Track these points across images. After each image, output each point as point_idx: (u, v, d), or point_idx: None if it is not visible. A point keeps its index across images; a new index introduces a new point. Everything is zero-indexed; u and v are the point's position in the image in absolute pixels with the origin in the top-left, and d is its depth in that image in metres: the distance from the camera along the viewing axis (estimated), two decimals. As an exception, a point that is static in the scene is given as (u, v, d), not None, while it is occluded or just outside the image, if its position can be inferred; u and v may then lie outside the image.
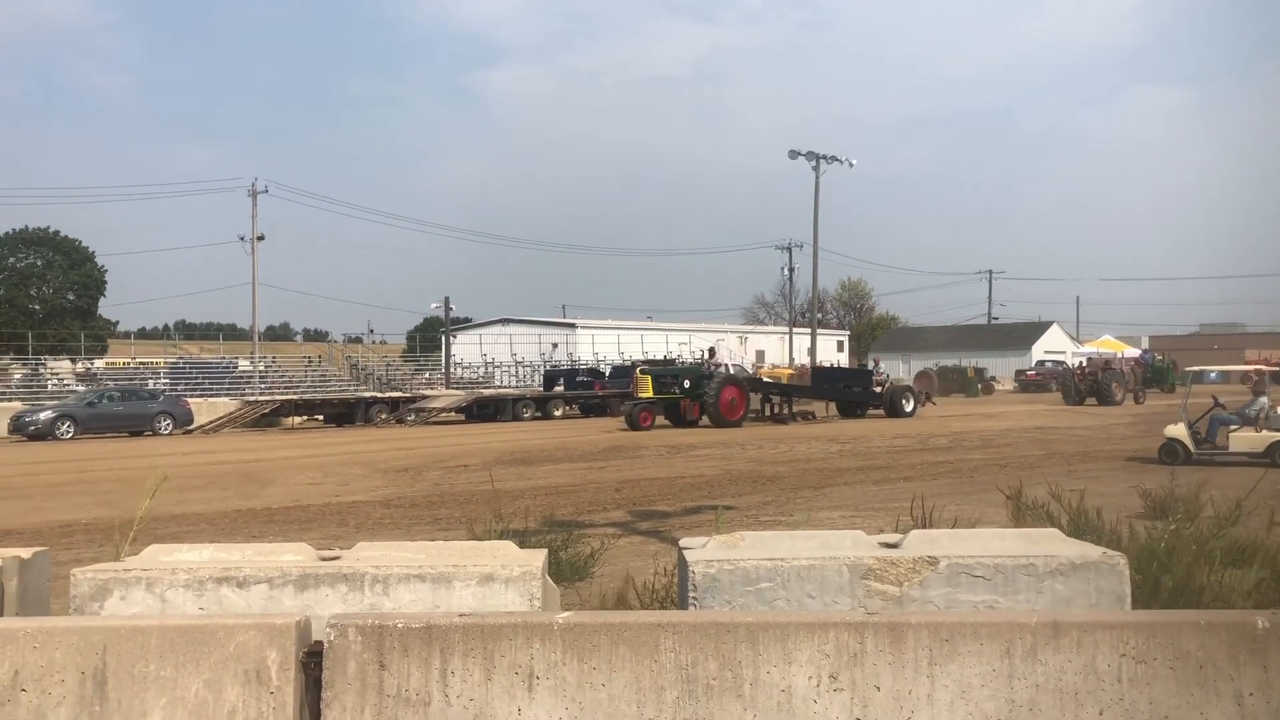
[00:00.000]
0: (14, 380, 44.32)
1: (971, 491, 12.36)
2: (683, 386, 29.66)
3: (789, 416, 31.56)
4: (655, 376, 30.43)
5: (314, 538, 9.65)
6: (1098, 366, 41.69)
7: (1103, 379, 39.77)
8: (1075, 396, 39.69)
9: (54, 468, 20.42)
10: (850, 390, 34.21)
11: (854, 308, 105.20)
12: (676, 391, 29.64)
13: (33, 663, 3.51)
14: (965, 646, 3.48)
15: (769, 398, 31.99)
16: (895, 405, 32.72)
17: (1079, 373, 41.44)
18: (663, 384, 29.93)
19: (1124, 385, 40.31)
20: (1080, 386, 40.05)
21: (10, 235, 60.82)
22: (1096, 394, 39.12)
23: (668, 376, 30.61)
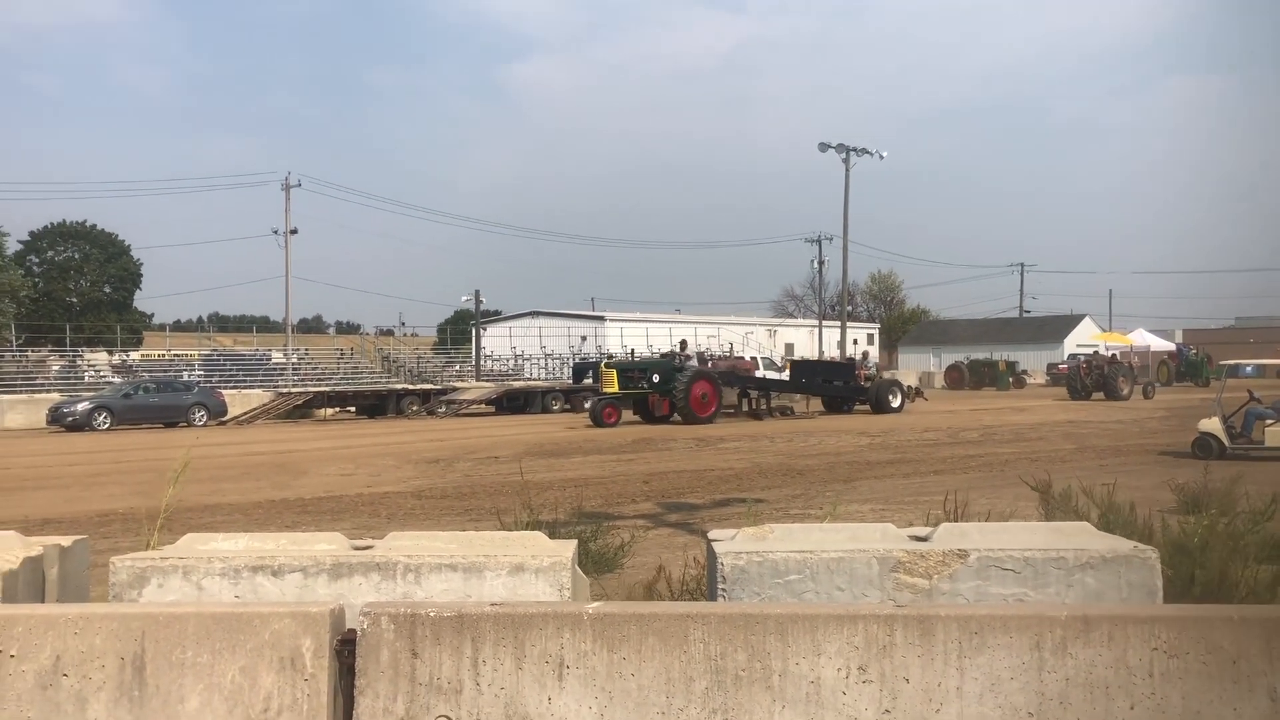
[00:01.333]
0: (52, 372, 44.94)
1: (1002, 485, 12.30)
2: (651, 381, 28.60)
3: (765, 412, 30.53)
4: (622, 370, 29.45)
5: (347, 527, 9.74)
6: (1103, 360, 40.69)
7: (1109, 373, 38.93)
8: (1081, 391, 38.93)
9: (91, 458, 20.70)
10: (831, 384, 33.13)
11: (884, 301, 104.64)
12: (644, 386, 28.62)
13: (74, 648, 3.58)
14: (995, 639, 3.48)
15: (747, 392, 31.00)
16: (881, 400, 31.82)
17: (1084, 367, 40.42)
18: (630, 378, 28.91)
19: (1130, 379, 39.47)
20: (1086, 381, 39.21)
21: (48, 229, 61.68)
22: (1103, 388, 38.35)
23: (635, 370, 29.64)
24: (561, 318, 68.56)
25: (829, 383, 33.06)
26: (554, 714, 3.49)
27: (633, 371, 29.46)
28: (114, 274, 62.17)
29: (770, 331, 76.14)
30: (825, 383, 33.03)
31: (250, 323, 76.70)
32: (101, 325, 56.71)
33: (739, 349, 53.79)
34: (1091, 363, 40.59)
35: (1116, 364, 40.40)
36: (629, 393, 28.58)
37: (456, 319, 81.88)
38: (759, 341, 68.59)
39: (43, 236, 61.67)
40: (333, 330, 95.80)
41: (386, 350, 56.98)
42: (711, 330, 66.05)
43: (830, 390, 32.76)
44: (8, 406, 35.31)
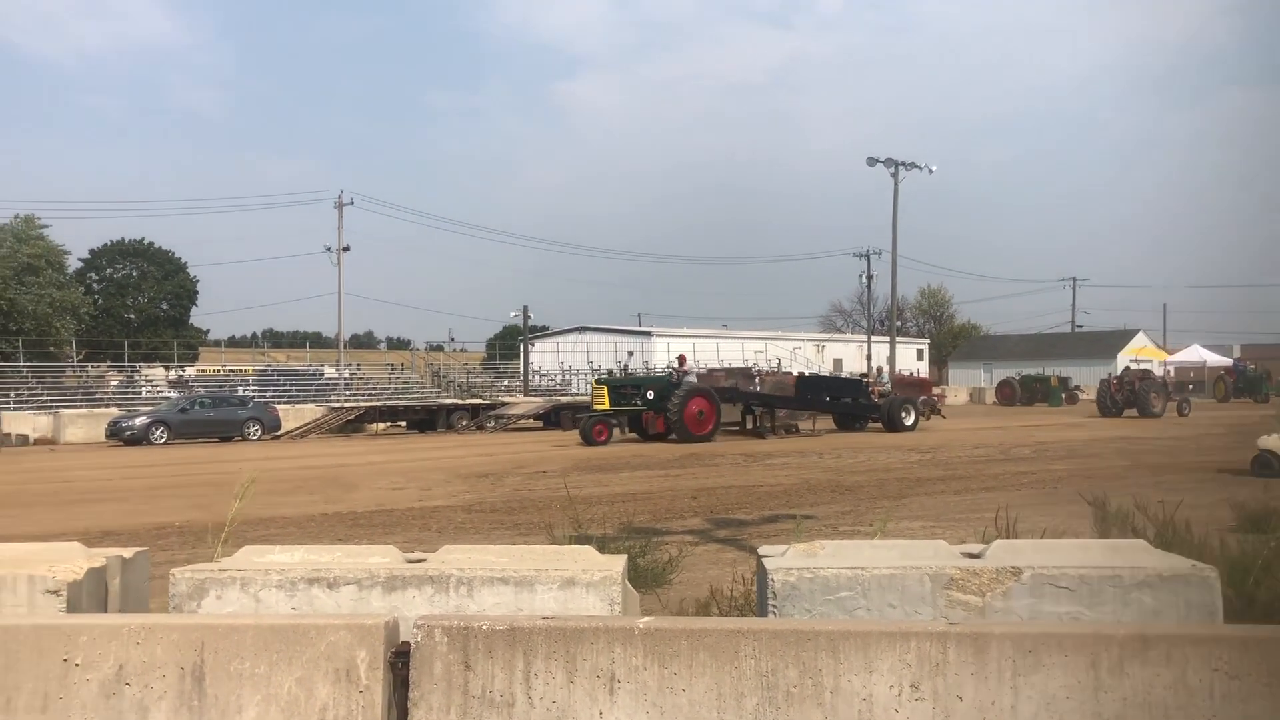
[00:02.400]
0: (111, 387, 45.84)
1: (1055, 502, 12.13)
2: (645, 398, 27.73)
3: (768, 429, 29.34)
4: (613, 387, 28.60)
5: (398, 541, 9.82)
6: (1135, 376, 39.43)
7: (1140, 389, 37.76)
8: (1112, 408, 37.84)
9: (149, 472, 21.07)
10: (839, 401, 31.98)
11: (934, 316, 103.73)
12: (638, 403, 27.79)
13: (136, 658, 3.65)
14: (1050, 658, 3.44)
15: (752, 409, 30.01)
16: (893, 418, 30.65)
17: (1114, 384, 39.18)
18: (622, 395, 28.07)
19: (1164, 396, 38.28)
20: (1117, 398, 38.10)
21: (108, 247, 62.96)
22: (1135, 405, 37.25)
23: (629, 387, 28.81)
24: (608, 333, 68.74)
25: (837, 399, 32.06)
26: (605, 728, 3.50)
27: (626, 388, 28.70)
28: (171, 291, 63.27)
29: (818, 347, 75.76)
30: (833, 399, 32.02)
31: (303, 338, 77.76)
32: (159, 341, 57.74)
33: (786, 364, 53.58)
34: (1123, 379, 39.43)
35: (1149, 380, 39.32)
36: (621, 410, 27.83)
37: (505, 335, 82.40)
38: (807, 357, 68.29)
39: (102, 255, 62.95)
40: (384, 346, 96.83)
41: (436, 365, 57.47)
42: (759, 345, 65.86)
43: (837, 407, 31.82)
44: (68, 421, 36.03)
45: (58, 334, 55.13)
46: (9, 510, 14.18)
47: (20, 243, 55.68)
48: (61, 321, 55.58)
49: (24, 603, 4.41)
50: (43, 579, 4.41)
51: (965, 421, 36.60)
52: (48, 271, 56.09)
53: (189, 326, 64.93)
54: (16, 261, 54.57)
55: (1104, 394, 39.09)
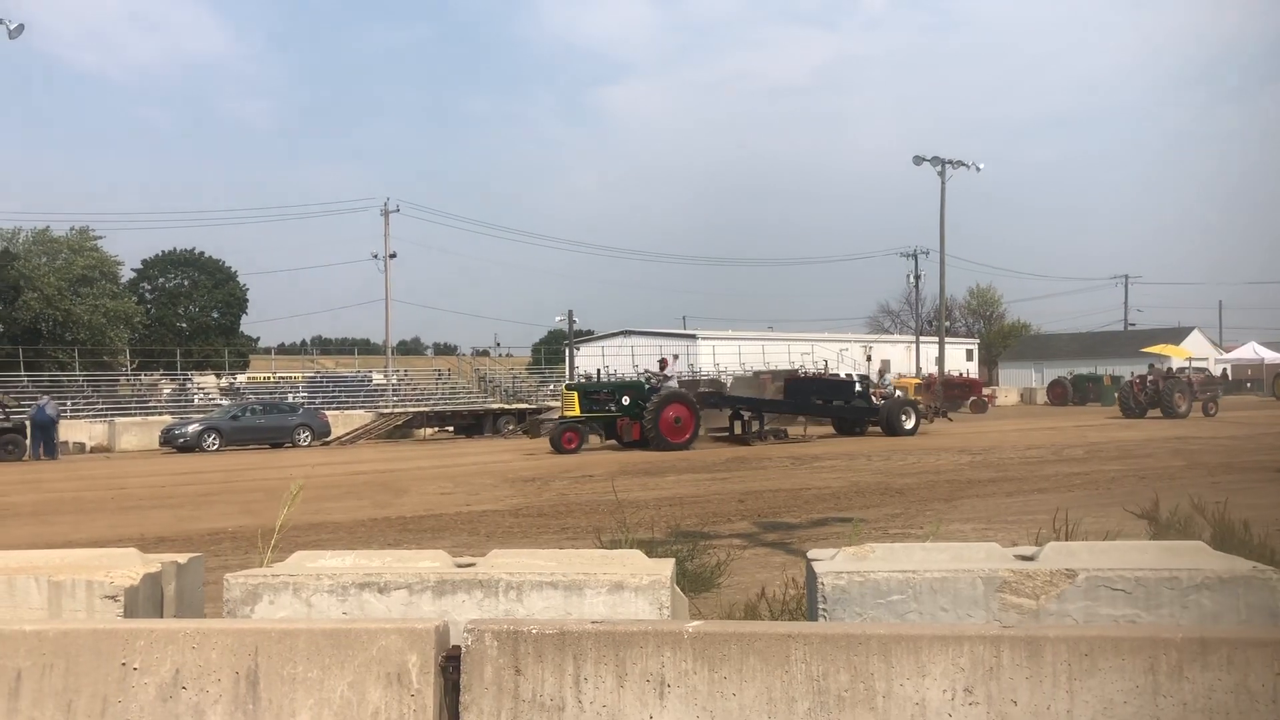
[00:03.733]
0: (164, 395, 46.60)
1: (1109, 504, 11.95)
2: (620, 403, 26.70)
3: (753, 435, 27.82)
4: (585, 393, 27.50)
5: (447, 545, 9.88)
6: (1159, 376, 37.85)
7: (1164, 389, 36.38)
8: (1135, 409, 36.61)
9: (201, 478, 21.39)
10: (829, 404, 30.49)
11: (983, 315, 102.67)
12: (611, 409, 26.78)
13: (192, 662, 3.70)
14: (1106, 662, 3.38)
15: (740, 414, 28.59)
16: (892, 422, 29.26)
17: (1137, 383, 37.73)
18: (595, 401, 27.02)
19: (1189, 395, 36.89)
20: (1140, 398, 36.81)
21: (159, 257, 64.05)
22: (1159, 405, 36.01)
23: (602, 392, 27.63)
24: (653, 336, 68.72)
25: (829, 402, 30.63)
26: (656, 732, 3.49)
27: (599, 393, 27.63)
28: (221, 300, 64.19)
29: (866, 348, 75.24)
30: (826, 403, 30.59)
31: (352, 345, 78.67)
32: (210, 349, 58.59)
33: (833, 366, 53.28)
34: (1145, 378, 38.01)
35: (1173, 379, 37.84)
36: (592, 416, 27.01)
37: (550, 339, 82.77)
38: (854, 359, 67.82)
39: (154, 265, 64.04)
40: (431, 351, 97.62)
41: (483, 370, 57.80)
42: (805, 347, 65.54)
43: (827, 411, 30.46)
44: (123, 429, 36.69)
45: (112, 343, 56.21)
46: (67, 516, 14.46)
47: (75, 254, 56.87)
48: (115, 331, 56.66)
49: (83, 607, 4.49)
50: (101, 584, 4.49)
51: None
52: (102, 282, 57.24)
53: (239, 334, 65.83)
54: (72, 273, 55.75)
55: (1126, 394, 38.00)
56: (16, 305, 54.31)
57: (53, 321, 54.55)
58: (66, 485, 20.37)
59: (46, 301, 54.05)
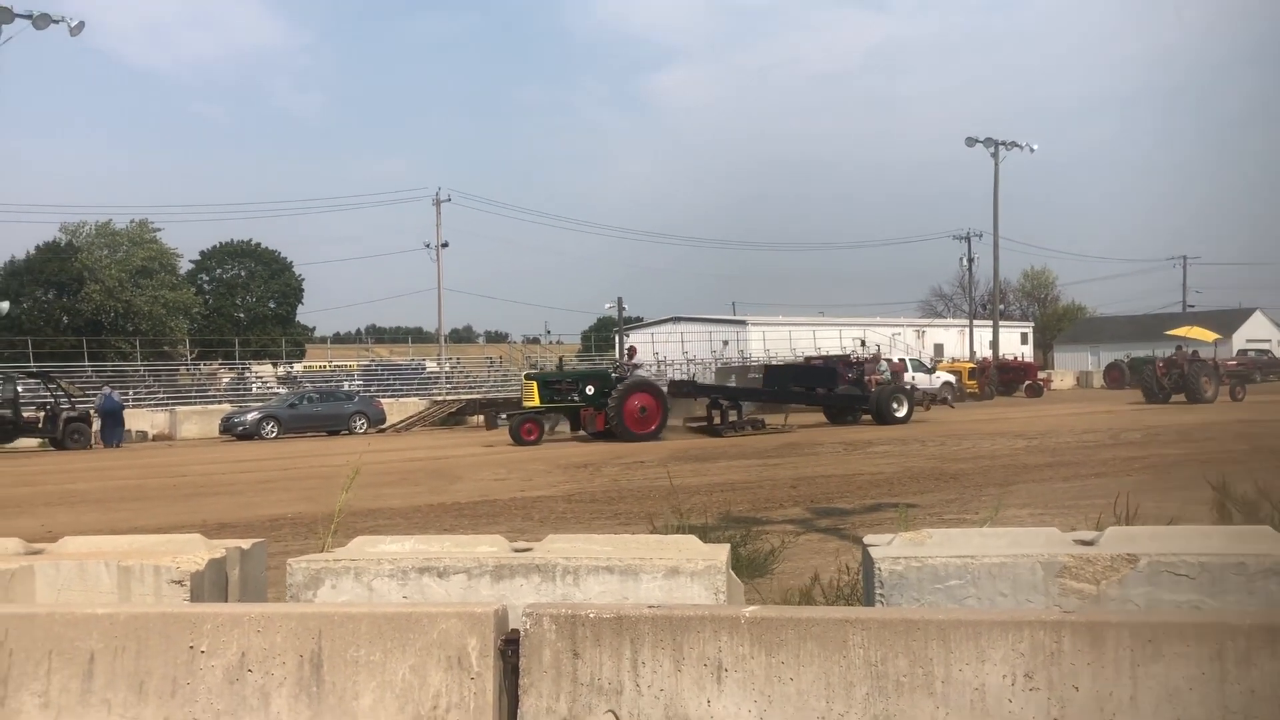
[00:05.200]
0: (223, 384, 47.43)
1: (1169, 488, 11.76)
2: (584, 393, 25.96)
3: (726, 426, 26.38)
4: (545, 382, 26.66)
5: (502, 530, 9.95)
6: (1183, 359, 36.24)
7: (1189, 372, 35.03)
8: (1160, 394, 35.24)
9: (261, 465, 21.75)
10: (813, 392, 29.19)
11: (1038, 298, 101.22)
12: (574, 399, 26.07)
13: (257, 645, 3.77)
14: (1170, 648, 3.34)
15: (718, 403, 27.25)
16: (882, 410, 28.14)
17: (1161, 367, 36.18)
18: (556, 390, 26.25)
19: (1215, 379, 35.60)
20: (1164, 382, 35.39)
21: (217, 249, 65.08)
22: (1185, 389, 34.74)
23: (565, 382, 26.76)
24: (703, 323, 68.58)
25: (811, 390, 29.37)
26: (714, 716, 3.51)
27: (561, 383, 26.72)
28: (278, 290, 65.05)
29: (919, 332, 74.50)
30: (808, 390, 29.32)
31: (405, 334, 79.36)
32: (267, 339, 59.47)
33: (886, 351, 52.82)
34: (1170, 362, 36.44)
35: (1198, 362, 36.30)
36: (554, 406, 26.30)
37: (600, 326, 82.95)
38: (907, 343, 67.23)
39: (212, 256, 65.07)
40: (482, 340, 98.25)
41: (533, 358, 58.16)
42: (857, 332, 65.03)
43: (810, 399, 29.26)
44: (183, 418, 37.40)
45: (172, 333, 57.32)
46: (131, 503, 14.79)
47: (136, 246, 58.01)
48: (175, 321, 57.79)
49: (151, 592, 4.60)
50: (168, 569, 4.59)
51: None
52: (161, 274, 58.37)
53: (295, 324, 66.71)
54: (132, 264, 56.89)
55: (1149, 378, 36.54)
56: (80, 297, 55.56)
57: (114, 313, 55.75)
58: (130, 473, 20.82)
59: (108, 293, 55.24)
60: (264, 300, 64.71)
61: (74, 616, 3.88)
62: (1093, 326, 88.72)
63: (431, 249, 58.00)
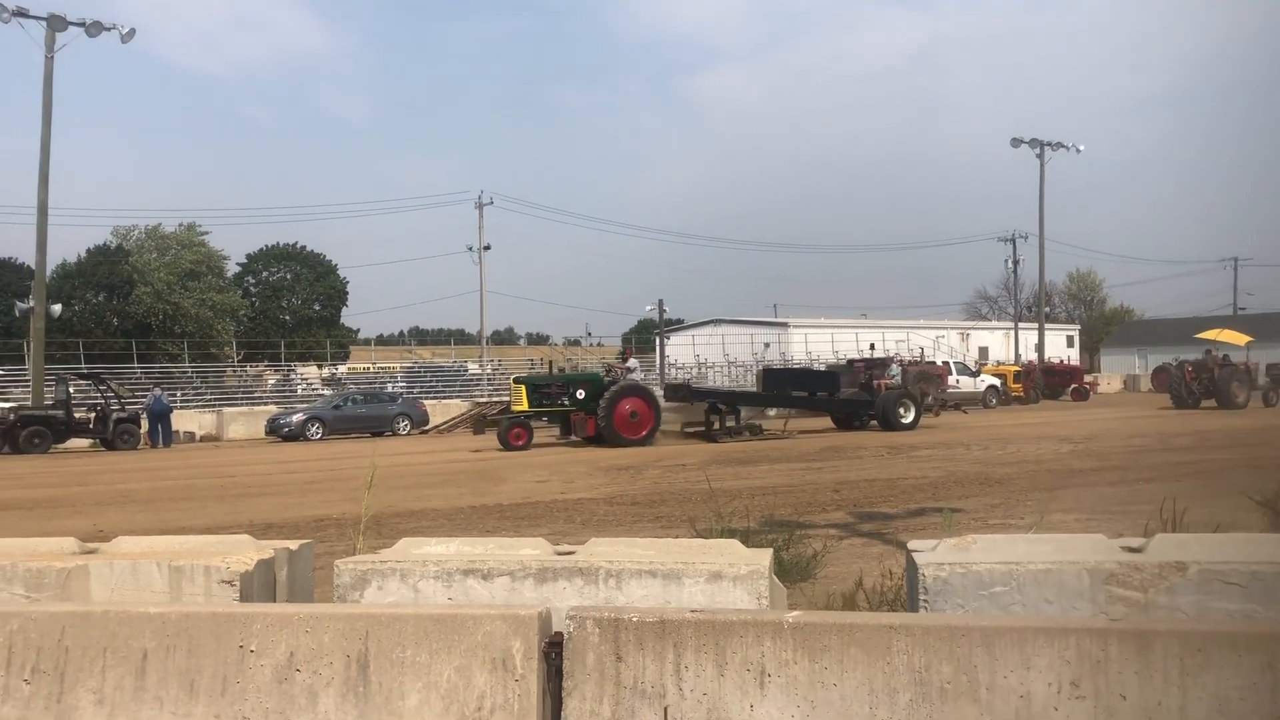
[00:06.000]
0: (268, 385, 48.06)
1: (1219, 494, 11.57)
2: (574, 397, 25.29)
3: (721, 433, 25.85)
4: (534, 386, 25.89)
5: (544, 533, 10.03)
6: (1214, 363, 34.81)
7: (1220, 377, 33.64)
8: (1189, 399, 34.06)
9: (306, 466, 22.00)
10: (814, 397, 28.26)
11: (1084, 301, 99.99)
12: (564, 403, 25.44)
13: (305, 645, 3.83)
14: (1221, 657, 3.30)
15: (717, 407, 26.65)
16: (888, 415, 27.27)
17: (1190, 371, 34.88)
18: (545, 394, 25.52)
19: (1246, 384, 34.23)
20: (1193, 387, 34.14)
21: (263, 251, 65.90)
22: (1215, 395, 33.43)
23: (554, 385, 26.04)
24: (744, 325, 68.40)
25: (813, 395, 28.46)
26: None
27: (551, 386, 25.98)
28: (322, 292, 65.73)
29: (963, 335, 73.88)
30: (809, 395, 28.43)
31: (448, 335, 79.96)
32: (312, 341, 60.13)
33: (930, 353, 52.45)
34: (1199, 366, 34.97)
35: (1229, 367, 34.81)
36: (542, 410, 25.58)
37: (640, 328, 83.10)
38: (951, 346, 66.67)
39: (258, 259, 65.88)
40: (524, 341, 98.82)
41: (575, 360, 58.31)
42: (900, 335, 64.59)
43: (810, 404, 28.33)
44: (230, 419, 37.89)
45: (219, 335, 58.12)
46: (180, 503, 15.02)
47: (184, 249, 58.90)
48: (222, 324, 58.59)
49: (201, 592, 4.68)
50: (218, 569, 4.67)
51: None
52: (209, 276, 59.21)
53: (340, 326, 67.36)
54: (180, 267, 57.76)
55: (1177, 382, 35.25)
56: (129, 299, 56.48)
57: (163, 315, 56.61)
58: (179, 473, 21.14)
59: (157, 295, 56.12)
60: (309, 302, 65.41)
61: (128, 615, 3.96)
62: (1140, 329, 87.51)
63: (474, 251, 58.43)
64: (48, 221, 35.03)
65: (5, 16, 34.40)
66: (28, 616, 3.98)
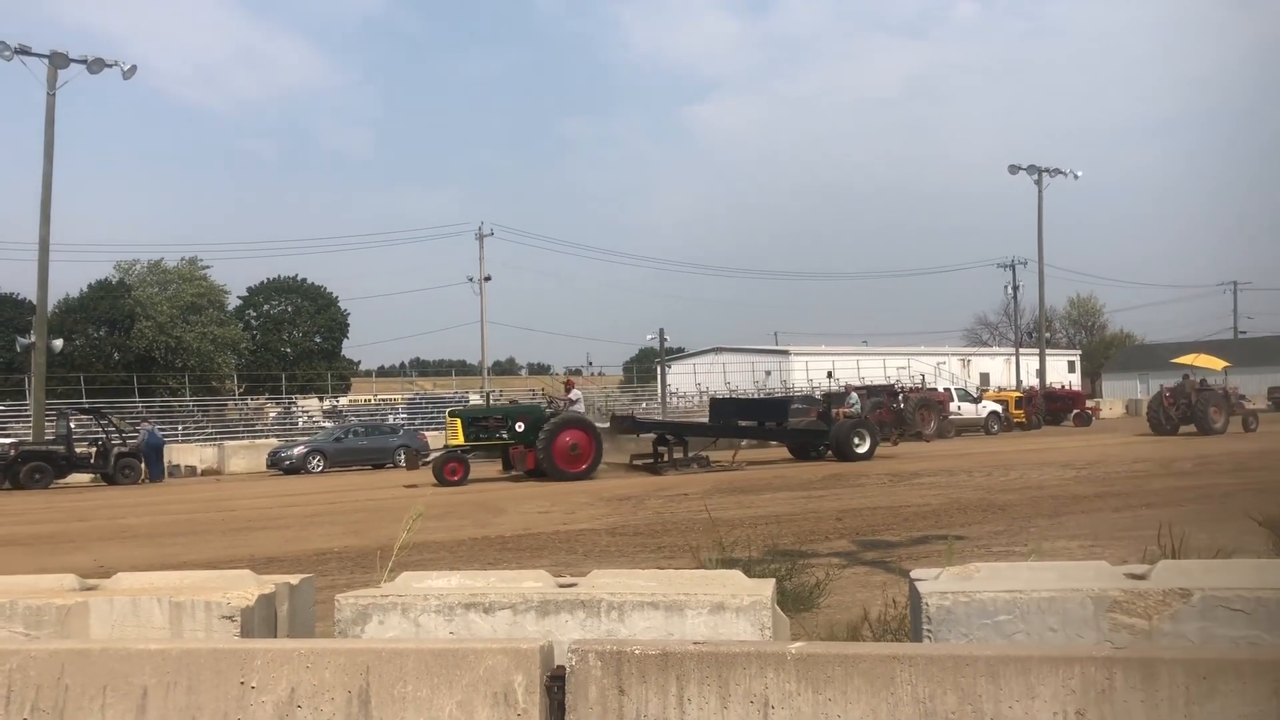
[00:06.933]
0: (269, 418, 48.02)
1: (1223, 519, 11.54)
2: (514, 430, 24.65)
3: (665, 465, 25.29)
4: (470, 419, 25.25)
5: (546, 564, 9.99)
6: (1192, 388, 34.78)
7: (1198, 402, 33.55)
8: (1167, 424, 33.84)
9: (307, 499, 21.95)
10: (763, 426, 27.92)
11: (1084, 326, 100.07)
12: (503, 436, 24.82)
13: (306, 681, 3.81)
14: (1226, 685, 3.28)
15: (665, 439, 26.17)
16: (841, 446, 26.67)
17: (1168, 396, 34.75)
18: (483, 428, 24.92)
19: (1225, 409, 34.12)
20: (1171, 413, 33.97)
21: (264, 284, 66.09)
22: (1193, 420, 33.32)
23: (491, 419, 25.46)
24: (745, 353, 68.53)
25: (762, 424, 28.18)
26: (760, 754, 3.49)
27: (488, 419, 25.37)
28: (323, 325, 65.85)
29: (964, 361, 73.91)
30: (759, 425, 28.15)
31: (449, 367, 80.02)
32: (313, 373, 60.19)
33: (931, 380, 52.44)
34: (1177, 391, 34.79)
35: (1208, 391, 34.73)
36: (478, 444, 25.03)
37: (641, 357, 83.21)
38: (952, 372, 66.71)
39: (259, 291, 66.06)
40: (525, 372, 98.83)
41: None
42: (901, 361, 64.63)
43: (760, 433, 28.05)
44: (231, 452, 37.84)
45: (220, 369, 58.19)
46: (181, 538, 14.98)
47: (185, 283, 59.08)
48: (223, 357, 58.70)
49: (201, 627, 4.66)
50: (219, 605, 4.65)
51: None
52: (210, 310, 59.37)
53: (341, 358, 67.44)
54: (182, 301, 57.92)
55: (1156, 408, 35.01)
56: (131, 334, 56.57)
57: (164, 348, 56.73)
58: (179, 507, 21.10)
59: (159, 329, 56.26)
60: (310, 335, 65.53)
61: (128, 652, 3.94)
62: (1141, 354, 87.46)
63: (474, 283, 58.51)
64: (49, 257, 35.16)
65: (8, 54, 34.67)
66: (27, 654, 3.96)
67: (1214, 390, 35.27)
